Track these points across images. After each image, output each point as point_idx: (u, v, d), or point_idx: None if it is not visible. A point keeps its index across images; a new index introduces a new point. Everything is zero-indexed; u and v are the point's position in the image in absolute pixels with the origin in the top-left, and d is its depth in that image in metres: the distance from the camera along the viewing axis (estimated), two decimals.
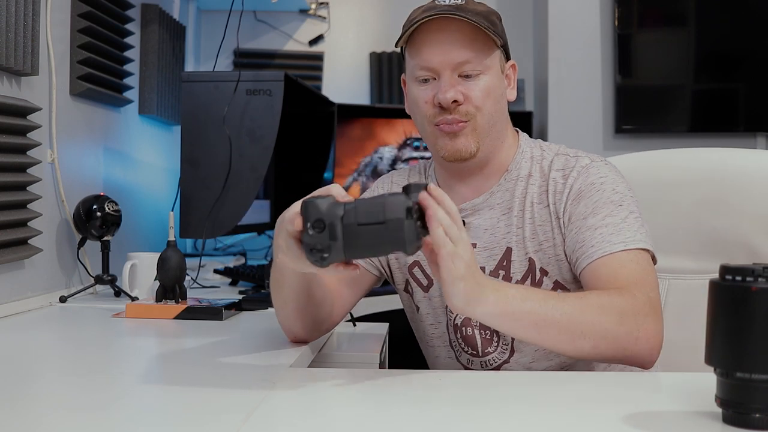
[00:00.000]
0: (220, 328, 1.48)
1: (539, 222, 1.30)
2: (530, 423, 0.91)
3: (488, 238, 1.33)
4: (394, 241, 0.97)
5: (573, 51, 3.05)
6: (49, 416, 0.92)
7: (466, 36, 1.27)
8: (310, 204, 0.99)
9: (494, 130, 1.32)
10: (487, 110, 1.29)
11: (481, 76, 1.29)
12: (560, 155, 1.34)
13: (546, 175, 1.32)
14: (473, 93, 1.28)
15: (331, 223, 0.98)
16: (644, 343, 1.13)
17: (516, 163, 1.35)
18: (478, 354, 1.33)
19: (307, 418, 0.94)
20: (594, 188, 1.27)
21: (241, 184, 1.91)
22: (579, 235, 1.25)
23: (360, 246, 0.99)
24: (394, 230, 0.97)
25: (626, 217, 1.24)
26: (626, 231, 1.22)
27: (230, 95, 1.89)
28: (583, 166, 1.30)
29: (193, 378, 1.12)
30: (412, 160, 2.75)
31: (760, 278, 0.80)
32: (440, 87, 1.27)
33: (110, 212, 1.86)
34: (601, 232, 1.23)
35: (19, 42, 1.63)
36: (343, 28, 3.32)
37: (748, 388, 0.81)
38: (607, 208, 1.25)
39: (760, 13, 2.99)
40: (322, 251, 0.99)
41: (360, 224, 0.98)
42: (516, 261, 1.30)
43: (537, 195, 1.31)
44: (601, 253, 1.21)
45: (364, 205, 0.99)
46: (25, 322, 1.56)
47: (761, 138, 3.03)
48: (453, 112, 1.28)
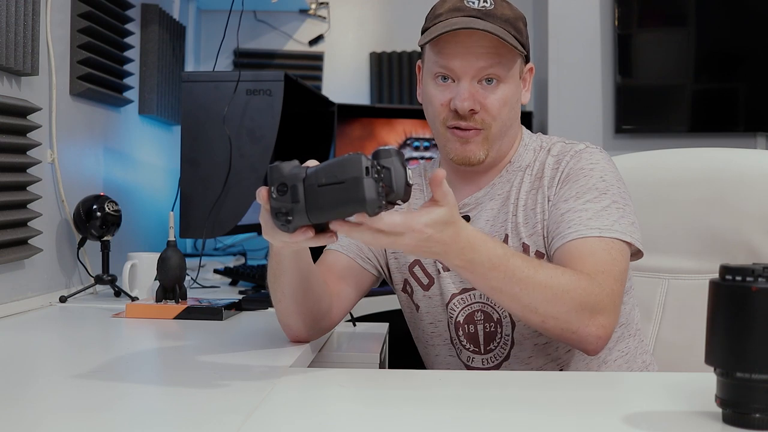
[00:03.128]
0: (220, 328, 1.48)
1: (531, 206, 1.31)
2: (530, 423, 0.91)
3: (489, 229, 1.34)
4: (354, 201, 0.96)
5: (573, 51, 3.05)
6: (49, 416, 0.92)
7: (491, 44, 1.26)
8: (274, 168, 0.99)
9: (506, 136, 1.33)
10: (502, 119, 1.30)
11: (501, 85, 1.28)
12: (558, 143, 1.36)
13: (542, 161, 1.34)
14: (490, 102, 1.28)
15: (293, 185, 0.98)
16: (593, 334, 1.14)
17: (519, 156, 1.36)
18: (480, 351, 1.34)
19: (307, 418, 0.94)
20: (582, 173, 1.28)
21: (241, 184, 1.91)
22: (558, 216, 1.25)
23: (322, 207, 0.98)
24: (353, 189, 0.96)
25: (608, 205, 1.24)
26: (605, 219, 1.22)
27: (230, 95, 1.89)
28: (577, 150, 1.32)
29: (193, 378, 1.12)
30: (412, 160, 2.75)
31: (760, 278, 0.80)
32: (458, 93, 1.27)
33: (110, 212, 1.86)
34: (580, 215, 1.23)
35: (19, 42, 1.63)
36: (343, 28, 3.32)
37: (748, 388, 0.81)
38: (590, 194, 1.25)
39: (760, 13, 2.99)
40: (287, 214, 0.99)
41: (320, 185, 0.97)
42: (512, 248, 1.30)
43: (529, 182, 1.33)
44: (575, 236, 1.21)
45: (325, 167, 0.98)
46: (25, 322, 1.56)
47: (761, 138, 3.03)
48: (468, 119, 1.28)
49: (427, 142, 2.77)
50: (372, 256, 1.41)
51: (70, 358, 1.29)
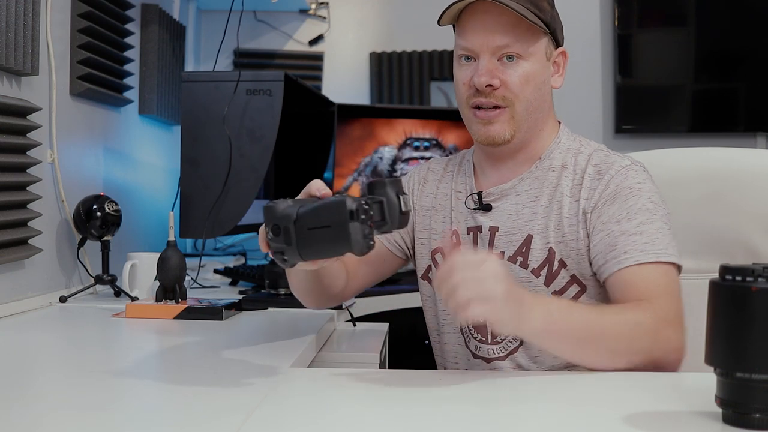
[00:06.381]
0: (220, 328, 1.48)
1: (567, 214, 1.29)
2: (530, 423, 0.91)
3: (511, 224, 1.33)
4: (342, 243, 1.01)
5: (573, 51, 3.04)
6: (49, 416, 0.92)
7: (509, 20, 1.26)
8: (267, 209, 1.05)
9: (533, 118, 1.32)
10: (525, 97, 1.29)
11: (521, 61, 1.28)
12: (599, 151, 1.33)
13: (582, 169, 1.31)
14: (510, 78, 1.28)
15: (285, 227, 1.03)
16: (673, 354, 1.16)
17: (549, 152, 1.34)
18: (487, 341, 1.33)
19: (307, 418, 0.94)
20: (631, 193, 1.26)
21: (241, 184, 1.91)
22: (611, 239, 1.24)
23: (313, 248, 1.03)
24: (340, 233, 1.00)
25: (660, 227, 1.24)
26: (660, 242, 1.22)
27: (230, 95, 1.89)
28: (623, 166, 1.29)
29: (193, 378, 1.12)
30: (412, 160, 2.75)
31: (760, 278, 0.80)
32: (477, 70, 1.28)
33: (110, 212, 1.86)
34: (635, 239, 1.22)
35: (19, 42, 1.63)
36: (343, 28, 3.32)
37: (748, 388, 0.81)
38: (642, 215, 1.24)
39: (760, 13, 2.99)
40: (282, 254, 1.04)
41: (310, 228, 1.02)
42: (535, 249, 1.30)
43: (569, 188, 1.30)
44: (633, 261, 1.21)
45: (315, 209, 1.03)
46: (25, 322, 1.56)
47: (761, 138, 3.03)
48: (488, 96, 1.28)
49: (427, 142, 2.77)
50: (400, 239, 1.44)
51: (70, 358, 1.29)
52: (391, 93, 3.24)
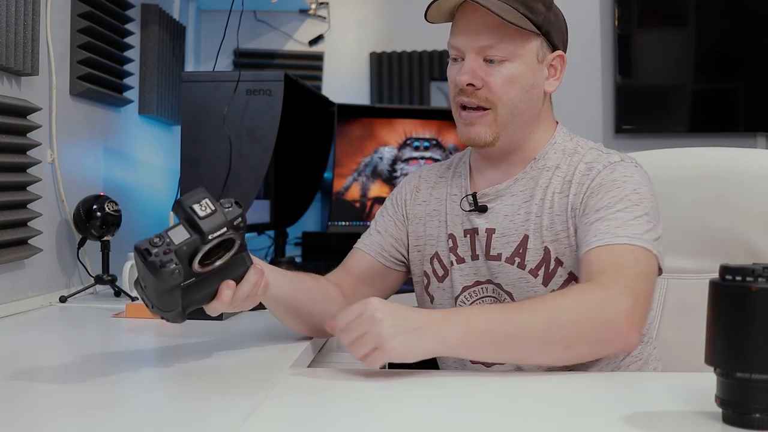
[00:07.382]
0: (220, 328, 1.48)
1: (558, 212, 1.28)
2: (530, 423, 0.91)
3: (507, 225, 1.32)
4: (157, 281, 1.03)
5: (573, 51, 3.03)
6: (49, 416, 0.92)
7: (494, 21, 1.25)
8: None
9: (519, 121, 1.30)
10: (510, 99, 1.28)
11: (507, 63, 1.27)
12: (593, 150, 1.32)
13: (574, 167, 1.30)
14: (493, 80, 1.27)
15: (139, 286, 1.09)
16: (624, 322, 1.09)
17: (544, 153, 1.34)
18: None
19: (307, 418, 0.94)
20: (615, 184, 1.24)
21: (241, 184, 1.91)
22: (587, 226, 1.22)
23: (157, 302, 1.08)
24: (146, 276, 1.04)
25: (639, 216, 1.20)
26: (635, 228, 1.19)
27: (230, 95, 1.89)
28: (612, 162, 1.28)
29: (193, 378, 1.12)
30: (413, 160, 2.75)
31: (760, 278, 0.80)
32: (460, 68, 1.29)
33: (110, 212, 1.86)
34: (608, 224, 1.19)
35: (19, 42, 1.63)
36: (343, 28, 3.31)
37: (748, 388, 0.81)
38: (622, 204, 1.22)
39: (760, 13, 2.99)
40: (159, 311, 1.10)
41: (143, 288, 1.08)
42: (532, 249, 1.29)
43: (559, 185, 1.30)
44: (602, 243, 1.18)
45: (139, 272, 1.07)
46: (25, 322, 1.56)
47: (761, 138, 3.03)
48: (470, 95, 1.28)
49: (427, 142, 2.77)
50: (396, 252, 1.42)
51: (70, 358, 1.29)
52: (391, 93, 3.24)
